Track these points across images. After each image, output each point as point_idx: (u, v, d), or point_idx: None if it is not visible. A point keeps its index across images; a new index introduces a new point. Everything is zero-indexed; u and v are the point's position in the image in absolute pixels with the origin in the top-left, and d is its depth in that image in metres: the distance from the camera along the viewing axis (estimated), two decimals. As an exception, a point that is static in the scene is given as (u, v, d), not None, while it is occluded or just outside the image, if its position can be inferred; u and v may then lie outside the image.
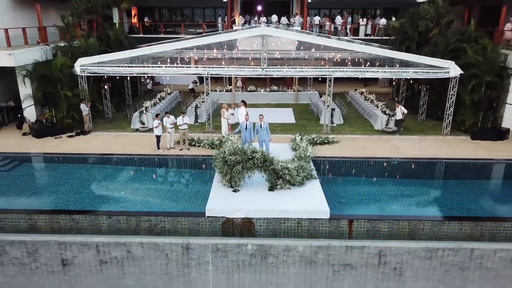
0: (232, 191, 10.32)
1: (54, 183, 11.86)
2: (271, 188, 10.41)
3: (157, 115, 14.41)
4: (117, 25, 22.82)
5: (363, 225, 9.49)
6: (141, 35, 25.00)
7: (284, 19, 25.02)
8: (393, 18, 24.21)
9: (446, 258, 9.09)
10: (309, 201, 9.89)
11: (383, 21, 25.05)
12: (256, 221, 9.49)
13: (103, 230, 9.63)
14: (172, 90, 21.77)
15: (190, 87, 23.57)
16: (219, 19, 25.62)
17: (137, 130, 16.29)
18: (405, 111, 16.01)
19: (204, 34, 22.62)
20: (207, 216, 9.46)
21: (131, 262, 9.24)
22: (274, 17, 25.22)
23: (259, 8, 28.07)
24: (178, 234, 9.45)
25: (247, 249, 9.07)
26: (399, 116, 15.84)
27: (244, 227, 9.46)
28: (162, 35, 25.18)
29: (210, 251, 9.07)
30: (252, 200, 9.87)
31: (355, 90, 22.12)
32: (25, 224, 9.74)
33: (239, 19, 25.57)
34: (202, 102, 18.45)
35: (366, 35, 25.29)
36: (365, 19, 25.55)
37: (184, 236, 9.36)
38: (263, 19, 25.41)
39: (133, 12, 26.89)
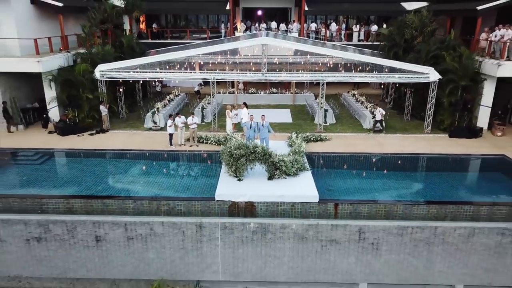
0: (237, 180, 12.22)
1: (83, 174, 13.74)
2: (270, 178, 12.32)
3: (170, 116, 16.29)
4: (127, 32, 24.72)
5: (347, 208, 11.40)
6: (149, 41, 26.87)
7: (282, 26, 26.93)
8: (384, 25, 26.11)
9: (415, 235, 10.98)
10: (302, 188, 11.80)
11: (375, 27, 26.95)
12: (257, 204, 11.39)
13: (129, 212, 11.54)
14: (179, 92, 23.68)
15: (196, 89, 25.46)
16: (222, 25, 27.52)
17: (150, 129, 18.18)
18: (383, 112, 17.91)
19: (208, 40, 24.54)
20: (217, 200, 11.37)
21: (153, 238, 11.13)
22: (274, 24, 27.12)
23: (259, 12, 29.92)
24: (192, 215, 11.36)
25: (249, 227, 10.96)
26: (378, 117, 17.77)
27: (247, 209, 11.36)
28: (168, 41, 27.07)
29: (219, 228, 10.96)
30: (254, 187, 11.78)
31: (348, 92, 24.02)
32: (63, 207, 11.65)
33: (240, 26, 27.44)
34: (208, 103, 20.35)
35: (359, 40, 27.18)
36: (358, 26, 27.44)
37: (197, 216, 11.27)
38: (263, 25, 27.33)
39: (141, 18, 28.75)
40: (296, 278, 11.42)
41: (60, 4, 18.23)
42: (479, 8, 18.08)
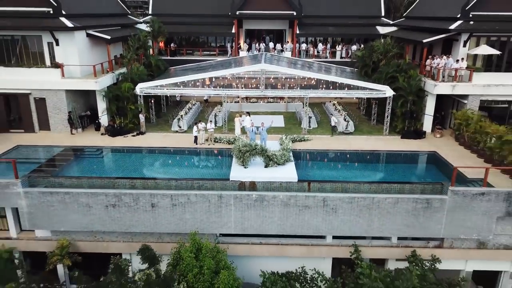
0: (244, 167, 18.18)
1: (136, 163, 19.70)
2: (266, 166, 18.26)
3: (195, 123, 22.17)
4: (151, 51, 30.60)
5: (316, 185, 17.34)
6: (168, 57, 32.77)
7: (278, 46, 32.88)
8: (362, 46, 32.11)
9: (360, 203, 16.90)
10: (287, 173, 17.74)
11: (354, 47, 32.90)
12: (257, 183, 17.35)
13: (172, 187, 17.49)
14: (195, 101, 29.58)
15: (205, 98, 31.40)
16: (229, 45, 33.47)
17: (176, 131, 24.11)
18: (336, 120, 23.86)
19: (219, 59, 30.51)
20: (231, 180, 17.33)
21: (189, 205, 17.04)
22: (271, 44, 33.06)
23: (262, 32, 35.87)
24: (214, 189, 17.30)
25: (252, 197, 16.88)
26: (332, 123, 23.74)
27: (250, 186, 17.29)
28: (184, 57, 33.01)
29: (232, 198, 16.87)
30: (255, 172, 17.72)
31: (330, 101, 29.94)
32: (129, 184, 17.59)
33: (243, 45, 33.35)
34: (219, 111, 26.30)
35: (341, 57, 33.12)
36: (340, 46, 33.38)
37: (218, 190, 17.21)
38: (263, 44, 33.27)
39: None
40: (283, 231, 17.34)
41: (108, 37, 24.17)
42: (424, 40, 24.04)
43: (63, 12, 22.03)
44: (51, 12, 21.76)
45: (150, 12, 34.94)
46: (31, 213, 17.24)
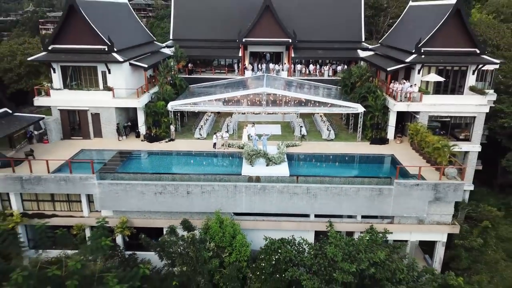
0: (251, 166, 25.66)
1: (171, 163, 27.14)
2: (267, 165, 25.73)
3: (214, 133, 29.53)
4: (173, 72, 37.91)
5: (302, 178, 24.83)
6: (186, 76, 40.06)
7: (277, 66, 40.36)
8: (345, 66, 39.57)
9: (333, 191, 24.34)
10: (282, 169, 25.24)
11: (339, 68, 40.36)
12: (261, 177, 24.85)
13: (201, 179, 24.94)
14: (210, 113, 36.87)
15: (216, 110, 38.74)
16: (236, 66, 40.96)
17: (198, 138, 31.51)
18: (304, 132, 31.21)
19: (229, 78, 37.95)
20: (242, 175, 24.83)
21: (214, 192, 24.49)
22: (271, 65, 40.54)
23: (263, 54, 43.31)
24: (231, 181, 24.75)
25: (257, 187, 24.36)
26: (303, 132, 31.11)
27: (256, 179, 24.80)
28: (199, 76, 40.37)
29: (244, 187, 24.34)
30: (259, 169, 25.21)
31: (318, 113, 37.29)
32: (171, 177, 25.06)
33: (249, 66, 40.75)
34: (230, 122, 33.75)
35: (328, 76, 40.54)
36: (328, 66, 40.84)
37: (233, 181, 24.66)
38: (264, 65, 40.74)
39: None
40: (279, 211, 24.78)
41: (145, 65, 31.64)
42: (388, 69, 31.53)
43: (114, 49, 29.48)
44: (106, 49, 29.17)
45: (171, 37, 42.29)
46: (102, 198, 24.72)
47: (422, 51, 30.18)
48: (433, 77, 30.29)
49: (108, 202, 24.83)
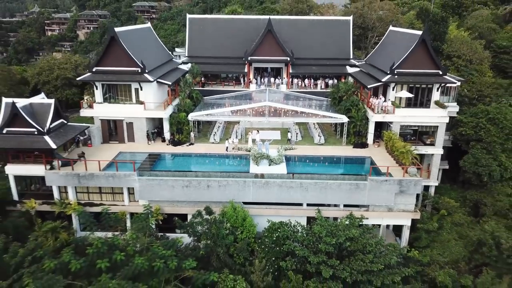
0: (257, 165, 32.96)
1: (194, 162, 34.45)
2: (269, 164, 33.00)
3: (227, 139, 36.82)
4: (189, 85, 45.06)
5: (297, 175, 32.09)
6: (199, 88, 47.20)
7: (277, 80, 47.61)
8: (336, 80, 46.85)
9: (320, 185, 31.58)
10: (281, 168, 32.53)
11: (330, 81, 47.62)
12: (264, 174, 32.14)
13: (218, 176, 32.20)
14: (221, 121, 44.02)
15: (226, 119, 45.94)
16: (242, 79, 48.22)
17: (212, 142, 38.73)
18: (290, 136, 38.50)
19: (238, 91, 45.20)
20: (250, 172, 32.12)
21: (228, 186, 31.70)
22: (272, 79, 47.78)
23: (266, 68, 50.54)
24: (241, 177, 32.02)
25: (262, 182, 31.62)
26: (289, 136, 38.41)
27: (261, 176, 32.08)
28: (211, 88, 47.59)
29: (251, 182, 31.59)
30: (263, 168, 32.52)
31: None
32: (194, 175, 32.33)
33: (253, 80, 47.98)
34: (238, 129, 40.98)
35: (321, 88, 47.76)
36: (320, 80, 48.09)
37: (243, 178, 31.93)
38: (266, 79, 48.00)
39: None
40: (279, 201, 32.03)
41: (169, 83, 38.90)
42: (368, 86, 38.82)
43: (147, 69, 36.73)
44: (139, 71, 36.41)
45: (186, 54, 49.47)
46: (141, 191, 31.98)
47: (395, 72, 37.39)
48: (404, 94, 37.54)
49: (145, 194, 32.11)
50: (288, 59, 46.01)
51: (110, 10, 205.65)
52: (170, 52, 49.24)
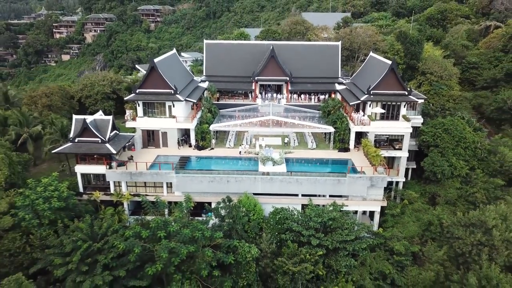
0: (264, 165, 44.56)
1: (213, 164, 46.06)
2: (273, 165, 44.61)
3: (240, 145, 48.36)
4: (209, 102, 56.41)
5: (294, 173, 43.72)
6: (215, 102, 58.62)
7: (278, 95, 59.18)
8: (327, 96, 58.44)
9: (312, 180, 43.18)
10: (282, 168, 44.18)
11: (322, 96, 59.19)
12: (270, 172, 43.74)
13: (234, 173, 43.77)
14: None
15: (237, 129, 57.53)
16: (250, 94, 59.77)
17: (228, 147, 50.26)
18: (287, 140, 50.19)
19: (246, 104, 56.77)
20: (259, 171, 43.73)
21: (242, 181, 43.21)
22: (274, 95, 59.33)
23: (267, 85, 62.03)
24: (252, 175, 43.60)
25: (267, 178, 43.23)
26: (286, 141, 50.15)
27: (267, 173, 43.69)
28: (224, 102, 59.08)
29: (260, 178, 43.21)
30: (268, 168, 44.16)
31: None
32: (217, 172, 43.91)
33: (259, 95, 59.50)
34: (248, 136, 52.53)
35: (315, 102, 59.28)
36: (314, 95, 59.61)
37: (253, 175, 43.50)
38: (269, 94, 59.57)
39: (209, 88, 60.68)
40: (280, 192, 43.66)
41: (194, 101, 50.46)
42: (350, 103, 50.39)
43: (178, 91, 48.26)
44: (172, 92, 47.92)
45: (204, 74, 60.92)
46: (177, 185, 43.59)
47: (371, 92, 48.93)
48: (378, 110, 49.11)
49: (180, 187, 43.70)
50: (288, 78, 57.57)
51: (116, 13, 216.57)
52: (191, 72, 60.62)
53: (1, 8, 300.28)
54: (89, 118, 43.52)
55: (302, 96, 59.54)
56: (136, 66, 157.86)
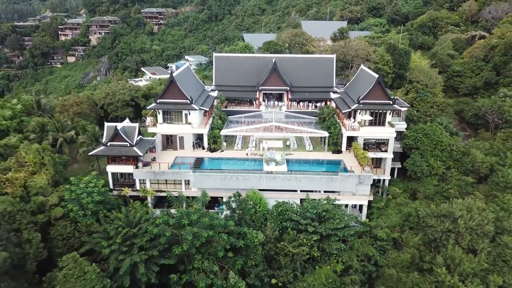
0: (268, 165, 52.83)
1: (224, 164, 54.33)
2: (276, 165, 52.89)
3: (247, 147, 56.61)
4: (219, 110, 64.55)
5: (294, 172, 52.00)
6: (223, 109, 66.80)
7: (280, 103, 67.44)
8: (323, 103, 66.71)
9: (308, 178, 51.49)
10: (283, 167, 52.47)
11: (319, 104, 67.42)
12: (273, 171, 52.01)
13: (244, 172, 52.02)
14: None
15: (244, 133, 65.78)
16: (254, 102, 68.01)
17: (236, 150, 58.46)
18: (289, 142, 58.49)
19: (252, 110, 65.03)
20: (263, 170, 52.00)
21: (250, 179, 51.43)
22: (276, 102, 67.56)
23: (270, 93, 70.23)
24: (257, 173, 51.86)
25: (271, 176, 51.51)
26: (287, 143, 58.46)
27: (270, 172, 51.96)
28: (231, 109, 67.27)
29: (265, 176, 51.48)
30: (272, 167, 52.44)
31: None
32: (228, 170, 52.16)
33: (263, 103, 67.71)
34: (254, 139, 60.75)
35: (312, 109, 67.47)
36: (311, 103, 67.83)
37: (258, 173, 51.75)
38: (271, 102, 67.83)
39: (218, 96, 68.89)
40: (282, 188, 51.94)
41: (207, 109, 58.70)
42: (343, 111, 58.67)
43: (193, 101, 56.51)
44: (189, 102, 56.15)
45: (213, 83, 69.12)
46: (194, 182, 51.90)
47: (361, 102, 57.16)
48: (367, 117, 57.36)
49: (197, 184, 51.96)
50: (288, 88, 65.83)
51: (120, 16, 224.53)
52: (202, 83, 68.89)
53: (5, 9, 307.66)
54: (119, 125, 51.72)
55: (301, 103, 67.80)
56: (142, 69, 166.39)
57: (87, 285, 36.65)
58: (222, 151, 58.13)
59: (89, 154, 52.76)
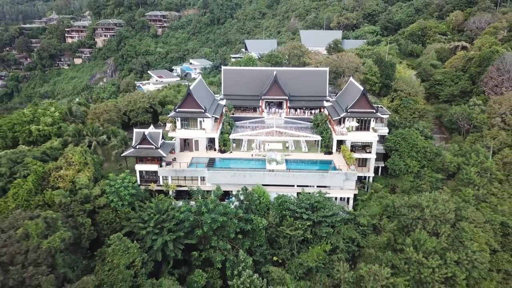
0: (270, 164, 64.41)
1: (232, 163, 65.89)
2: (276, 164, 64.47)
3: (252, 149, 68.17)
4: (228, 117, 76.03)
5: (292, 170, 63.58)
6: (231, 115, 78.25)
7: (280, 110, 78.96)
8: (317, 110, 78.27)
9: (304, 175, 63.08)
10: (282, 166, 64.07)
11: (313, 111, 78.92)
12: (274, 170, 63.59)
13: (250, 170, 63.57)
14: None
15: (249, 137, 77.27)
16: (257, 109, 79.46)
17: (242, 151, 69.93)
18: (288, 144, 70.11)
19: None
20: (266, 168, 63.58)
21: (255, 176, 63.07)
22: (277, 110, 79.04)
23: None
24: (261, 171, 63.41)
25: (273, 173, 63.09)
26: (287, 145, 70.09)
27: (272, 170, 63.54)
28: (237, 115, 78.73)
29: (267, 173, 63.03)
30: (273, 166, 64.07)
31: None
32: (236, 169, 63.73)
33: (264, 109, 79.16)
34: (257, 142, 72.31)
35: (308, 115, 78.95)
36: (307, 110, 79.31)
37: (263, 172, 63.30)
38: (273, 109, 79.38)
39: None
40: (282, 183, 63.50)
41: (218, 116, 70.24)
42: (333, 118, 70.22)
43: (207, 110, 68.06)
44: (203, 111, 67.65)
45: (222, 93, 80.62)
46: (208, 178, 63.54)
47: (348, 111, 68.70)
48: (354, 123, 68.91)
49: (211, 179, 63.56)
50: (287, 97, 77.41)
51: (125, 19, 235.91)
52: (212, 93, 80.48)
53: (9, 10, 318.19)
54: (146, 131, 63.25)
55: (298, 110, 79.41)
56: (148, 72, 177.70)
57: (130, 257, 48.20)
58: (231, 152, 69.67)
59: (121, 155, 64.31)
